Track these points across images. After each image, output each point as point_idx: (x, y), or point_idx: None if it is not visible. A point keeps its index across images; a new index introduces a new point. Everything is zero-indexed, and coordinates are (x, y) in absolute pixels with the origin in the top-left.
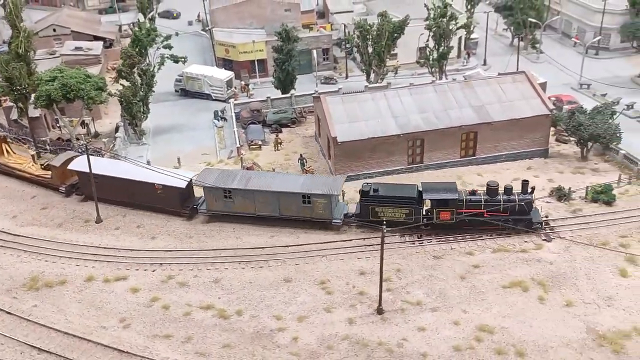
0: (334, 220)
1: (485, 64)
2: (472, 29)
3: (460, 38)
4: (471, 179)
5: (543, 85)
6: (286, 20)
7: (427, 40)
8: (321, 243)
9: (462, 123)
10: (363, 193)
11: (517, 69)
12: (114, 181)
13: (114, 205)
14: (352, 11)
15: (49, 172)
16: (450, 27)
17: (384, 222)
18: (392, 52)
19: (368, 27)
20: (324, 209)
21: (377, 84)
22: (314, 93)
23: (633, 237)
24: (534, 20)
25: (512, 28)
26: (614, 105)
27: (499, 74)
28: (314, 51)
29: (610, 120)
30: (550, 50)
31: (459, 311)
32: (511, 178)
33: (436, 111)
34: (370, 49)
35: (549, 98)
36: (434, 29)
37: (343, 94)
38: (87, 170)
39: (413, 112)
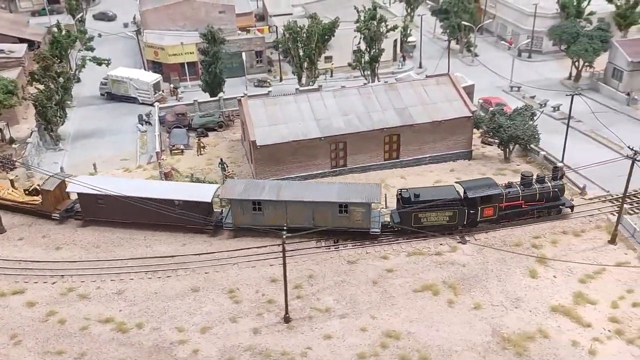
0: (372, 230)
1: (421, 66)
2: (408, 31)
3: (395, 41)
4: (395, 182)
5: (470, 88)
6: (221, 22)
7: (359, 43)
8: (233, 250)
9: (385, 125)
10: (404, 200)
11: (448, 71)
12: (124, 201)
13: (125, 228)
14: (291, 14)
15: (37, 198)
16: (381, 30)
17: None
18: (326, 55)
19: (298, 29)
20: (362, 218)
21: (309, 87)
22: (242, 96)
23: (546, 238)
24: (467, 24)
25: (447, 31)
26: (541, 107)
27: (427, 76)
28: (244, 54)
29: (530, 122)
30: (486, 53)
31: (367, 317)
32: (434, 180)
33: (359, 114)
34: (301, 52)
35: (479, 100)
36: (364, 31)
37: (266, 96)
38: (90, 192)
39: (336, 115)
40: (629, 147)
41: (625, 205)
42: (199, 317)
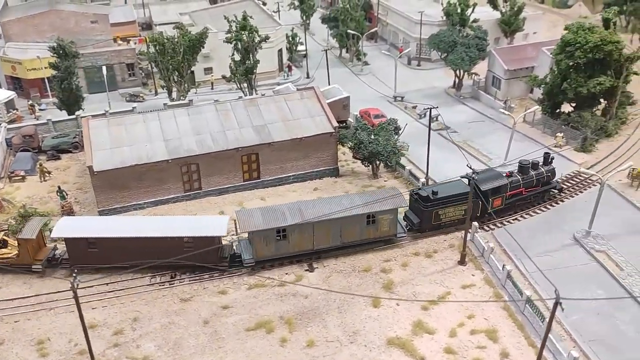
0: (398, 234)
1: (308, 76)
2: (297, 40)
3: (280, 51)
4: (254, 204)
5: (346, 100)
6: (94, 32)
7: (232, 55)
8: (53, 293)
9: (241, 144)
10: (423, 199)
11: (329, 83)
12: (122, 242)
13: (118, 273)
14: (178, 22)
15: (10, 251)
16: (256, 40)
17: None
18: (206, 67)
19: (165, 40)
20: (389, 226)
21: (180, 102)
22: (104, 113)
23: (397, 261)
24: (353, 32)
25: (336, 40)
26: (420, 118)
27: (298, 89)
28: (104, 67)
29: (394, 137)
30: (378, 62)
31: None
32: (296, 200)
33: (213, 132)
34: (169, 65)
35: (356, 113)
36: (234, 42)
37: (112, 116)
38: (82, 235)
39: (187, 135)
40: (468, 165)
41: (474, 223)
42: None
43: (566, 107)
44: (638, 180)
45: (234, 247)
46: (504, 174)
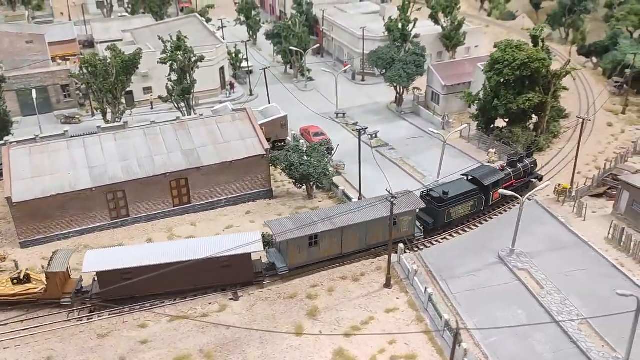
0: (416, 234)
1: (252, 93)
2: (241, 57)
3: (222, 69)
4: (183, 231)
5: (284, 119)
6: (30, 53)
7: (169, 75)
8: None
9: (168, 170)
10: (437, 200)
11: (269, 101)
12: (157, 269)
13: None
14: (121, 40)
15: (35, 286)
16: (192, 60)
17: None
18: (145, 86)
19: (97, 62)
20: (408, 226)
21: (114, 124)
22: (34, 138)
23: (323, 286)
24: (296, 49)
25: (280, 56)
26: (372, 139)
27: (233, 110)
28: (33, 90)
29: (327, 158)
30: (323, 77)
31: None
32: (226, 225)
33: (141, 158)
34: (102, 86)
35: (300, 130)
36: (169, 62)
37: (34, 143)
38: (116, 267)
39: (113, 161)
40: (387, 190)
41: (400, 245)
42: None
43: (501, 122)
44: (563, 195)
45: (266, 258)
46: (498, 168)
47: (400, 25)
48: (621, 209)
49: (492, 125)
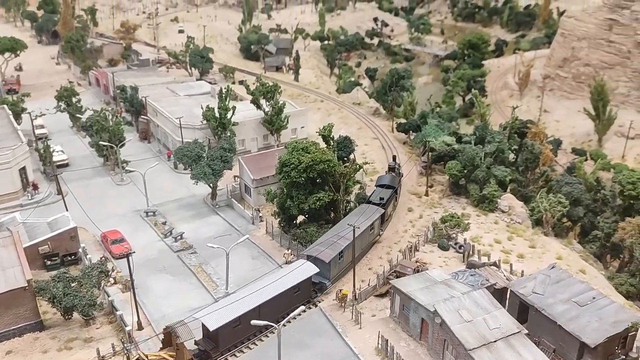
0: (380, 233)
1: (60, 192)
2: (52, 151)
3: (23, 169)
4: None
5: (72, 231)
6: None
7: None
8: None
9: None
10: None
11: (66, 209)
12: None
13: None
14: None
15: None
16: None
17: None
18: None
19: None
20: (377, 231)
21: None
22: None
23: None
24: (106, 144)
25: (95, 149)
26: (166, 237)
27: (20, 222)
28: None
29: (100, 284)
30: (147, 165)
31: None
32: None
33: None
34: None
35: (101, 235)
36: None
37: None
38: (232, 317)
39: None
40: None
41: None
42: None
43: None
44: (343, 302)
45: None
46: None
47: (217, 114)
48: (395, 311)
49: (295, 221)
